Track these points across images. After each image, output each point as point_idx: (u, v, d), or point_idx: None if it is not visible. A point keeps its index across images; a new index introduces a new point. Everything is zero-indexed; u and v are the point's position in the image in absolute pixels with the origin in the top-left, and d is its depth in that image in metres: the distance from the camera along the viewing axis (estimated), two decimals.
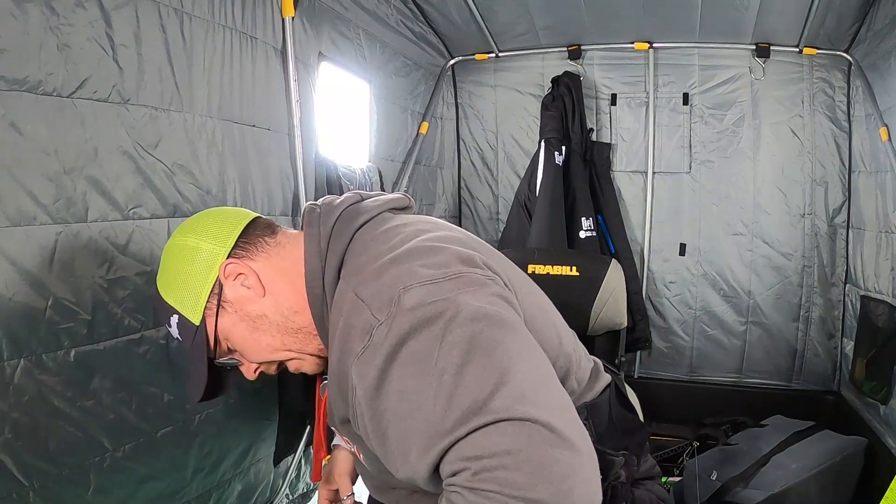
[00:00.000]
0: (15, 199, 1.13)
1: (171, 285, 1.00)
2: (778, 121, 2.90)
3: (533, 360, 0.80)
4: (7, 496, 1.15)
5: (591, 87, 3.09)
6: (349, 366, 0.82)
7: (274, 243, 1.01)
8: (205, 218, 1.04)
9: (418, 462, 0.76)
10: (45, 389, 1.20)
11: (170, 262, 1.01)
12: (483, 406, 0.71)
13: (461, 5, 2.63)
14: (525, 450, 0.69)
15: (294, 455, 2.07)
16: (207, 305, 0.98)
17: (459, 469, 0.72)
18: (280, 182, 1.89)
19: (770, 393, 3.01)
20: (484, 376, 0.73)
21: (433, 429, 0.73)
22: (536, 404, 0.72)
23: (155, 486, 1.50)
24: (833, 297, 2.91)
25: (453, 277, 0.83)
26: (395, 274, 0.84)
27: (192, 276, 0.98)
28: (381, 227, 0.95)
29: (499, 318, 0.80)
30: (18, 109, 1.12)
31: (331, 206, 0.99)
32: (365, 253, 0.90)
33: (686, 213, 3.07)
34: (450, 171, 3.31)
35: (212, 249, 0.98)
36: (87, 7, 1.23)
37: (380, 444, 0.82)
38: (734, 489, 2.13)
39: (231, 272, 0.97)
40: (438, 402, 0.73)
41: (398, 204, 1.04)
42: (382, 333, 0.79)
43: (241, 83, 1.70)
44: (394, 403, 0.78)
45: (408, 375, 0.77)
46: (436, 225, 0.98)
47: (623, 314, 2.33)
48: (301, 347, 1.00)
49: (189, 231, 1.01)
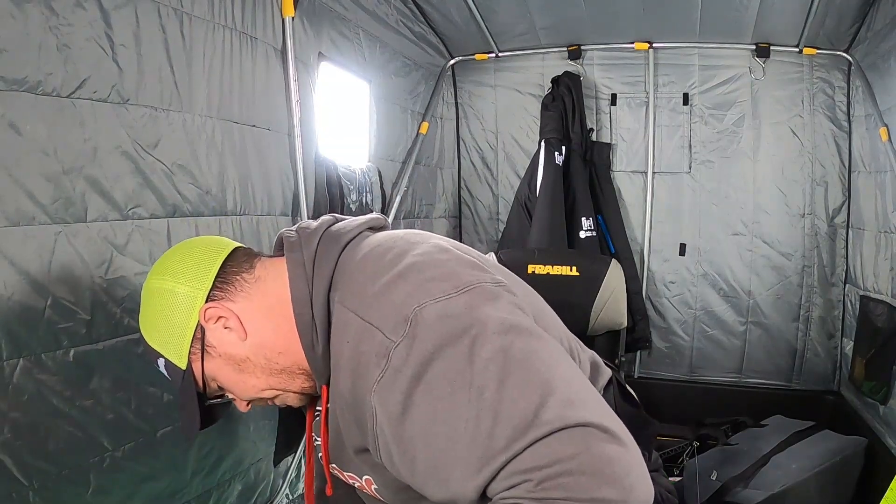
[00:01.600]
0: (14, 199, 1.13)
1: (154, 330, 0.97)
2: (778, 121, 2.90)
3: (564, 363, 0.80)
4: (7, 496, 1.15)
5: (591, 87, 3.09)
6: (366, 392, 0.79)
7: (253, 280, 0.95)
8: (179, 256, 0.98)
9: (463, 485, 0.73)
10: (44, 389, 1.21)
11: (149, 306, 0.97)
12: (535, 419, 0.70)
13: (461, 5, 2.63)
14: (585, 453, 0.69)
15: (294, 455, 2.07)
16: (192, 350, 0.94)
17: (518, 482, 0.70)
18: (280, 182, 1.89)
19: (770, 393, 3.01)
20: (528, 389, 0.72)
21: (481, 449, 0.71)
22: (584, 407, 0.72)
23: (154, 486, 1.50)
24: (833, 297, 2.91)
25: (466, 290, 0.81)
26: (403, 292, 0.80)
27: (173, 322, 0.94)
28: (365, 247, 0.91)
29: (523, 327, 0.79)
30: (18, 109, 1.12)
31: (308, 230, 0.95)
32: (359, 274, 0.86)
33: (686, 213, 3.07)
34: (450, 171, 3.31)
35: (188, 293, 0.93)
36: (87, 7, 1.24)
37: (408, 471, 0.79)
38: (734, 489, 2.13)
39: (211, 315, 0.93)
40: (483, 422, 0.72)
41: (376, 224, 1.00)
42: (402, 356, 0.76)
43: (240, 83, 1.70)
44: (423, 429, 0.75)
45: (438, 398, 0.74)
46: (423, 236, 0.95)
47: (623, 314, 2.32)
48: (285, 386, 0.98)
49: (165, 272, 0.96)
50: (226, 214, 1.66)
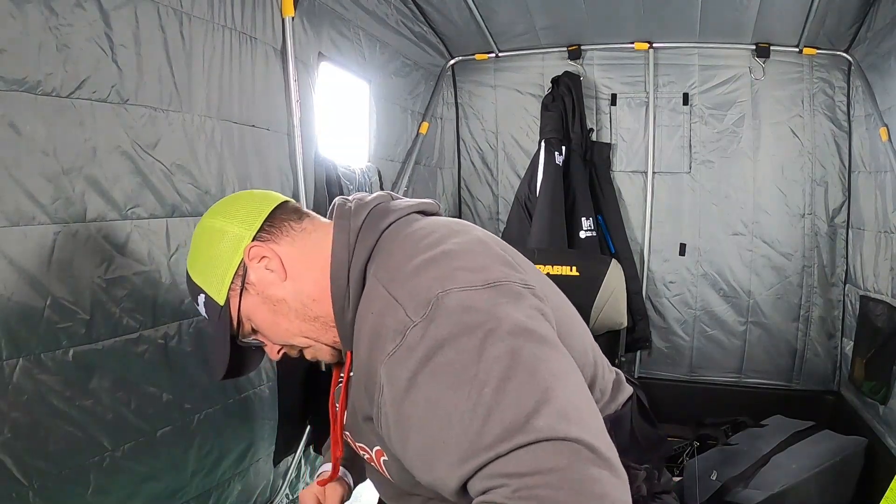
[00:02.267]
0: (14, 198, 1.13)
1: (199, 266, 1.01)
2: (778, 121, 2.90)
3: (572, 379, 0.79)
4: (7, 496, 1.15)
5: (591, 87, 3.09)
6: (378, 364, 0.82)
7: (300, 229, 1.01)
8: (234, 201, 1.05)
9: (447, 474, 0.75)
10: (44, 389, 1.21)
11: (198, 243, 1.03)
12: (526, 424, 0.70)
13: (461, 5, 2.63)
14: (567, 469, 0.69)
15: (294, 455, 2.07)
16: (231, 286, 0.98)
17: (496, 485, 0.71)
18: (279, 182, 1.88)
19: (770, 393, 3.01)
20: (526, 393, 0.72)
21: (468, 443, 0.72)
22: (579, 424, 0.72)
23: (154, 486, 1.50)
24: (833, 297, 2.91)
25: (492, 286, 0.82)
26: (432, 276, 0.82)
27: (218, 257, 0.99)
28: (411, 227, 0.94)
29: (538, 334, 0.79)
30: (17, 109, 1.12)
31: (362, 201, 1.00)
32: (398, 251, 0.90)
33: (686, 213, 3.07)
34: (450, 171, 3.31)
35: (238, 232, 0.99)
36: (87, 7, 1.24)
37: (400, 449, 0.81)
38: (734, 489, 2.13)
39: (255, 255, 0.97)
40: (476, 417, 0.72)
41: (428, 208, 1.03)
42: (417, 336, 0.78)
43: (240, 83, 1.70)
44: (421, 411, 0.77)
45: (440, 384, 0.76)
46: (466, 227, 0.97)
47: (623, 314, 2.32)
48: (318, 336, 1.00)
49: (217, 213, 1.03)
50: None
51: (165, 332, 1.49)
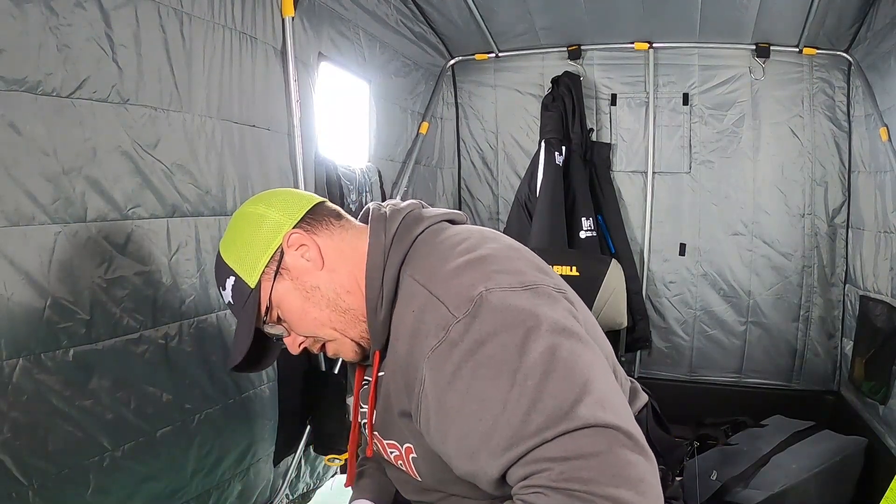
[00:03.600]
0: (14, 199, 1.13)
1: (234, 247, 1.02)
2: (778, 121, 2.89)
3: (605, 373, 0.85)
4: (7, 496, 1.15)
5: (591, 87, 3.09)
6: (420, 358, 0.85)
7: (339, 226, 1.04)
8: (276, 193, 1.07)
9: (490, 462, 0.79)
10: (44, 389, 1.21)
11: (236, 226, 1.04)
12: (569, 412, 0.75)
13: (461, 5, 2.63)
14: (608, 453, 0.74)
15: (294, 455, 2.07)
16: (265, 270, 0.99)
17: (540, 469, 0.75)
18: (280, 182, 1.88)
19: (770, 393, 3.01)
20: (568, 385, 0.77)
21: (512, 431, 0.77)
22: (615, 413, 0.77)
23: (154, 486, 1.50)
24: (833, 297, 2.91)
25: (530, 288, 0.86)
26: (473, 276, 0.86)
27: (256, 240, 1.00)
28: (443, 234, 0.98)
29: (574, 331, 0.84)
30: (17, 109, 1.12)
31: (396, 207, 1.03)
32: (432, 255, 0.93)
33: (686, 213, 3.07)
34: (450, 171, 3.31)
35: (279, 219, 1.00)
36: (87, 7, 1.24)
37: (440, 440, 0.85)
38: (734, 489, 2.13)
39: (294, 242, 0.99)
40: (520, 407, 0.77)
41: (457, 218, 1.07)
42: (460, 330, 0.82)
43: (240, 83, 1.70)
44: (464, 402, 0.81)
45: (483, 377, 0.80)
46: (497, 235, 1.02)
47: (623, 314, 2.33)
48: (345, 329, 1.02)
49: (259, 201, 1.05)
50: (225, 214, 1.67)
51: (166, 333, 1.49)
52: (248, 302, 1.00)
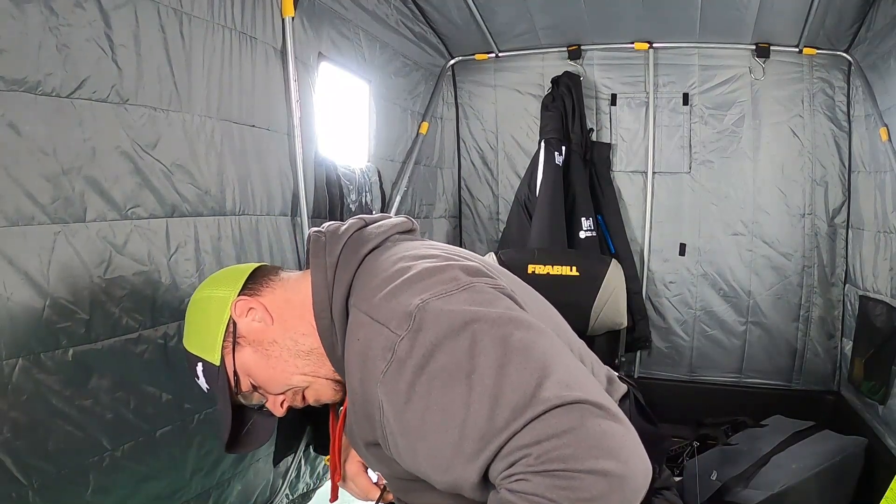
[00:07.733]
0: (13, 198, 1.13)
1: (193, 336, 1.08)
2: (778, 121, 2.89)
3: (563, 354, 0.84)
4: (7, 496, 1.15)
5: (591, 87, 3.09)
6: (374, 385, 0.84)
7: (279, 280, 1.08)
8: (216, 275, 1.15)
9: (467, 468, 0.78)
10: (43, 389, 1.21)
11: (190, 316, 1.11)
12: (533, 398, 0.74)
13: (461, 5, 2.63)
14: (580, 427, 0.73)
15: (294, 455, 2.07)
16: (224, 344, 1.04)
17: (518, 458, 0.74)
18: (279, 182, 1.89)
19: (770, 393, 3.01)
20: (526, 373, 0.77)
21: (481, 432, 0.76)
22: (581, 388, 0.77)
23: (154, 486, 1.50)
24: (833, 296, 2.91)
25: (465, 288, 0.86)
26: (408, 293, 0.86)
27: (209, 321, 1.05)
28: (382, 256, 0.98)
29: (523, 320, 0.83)
30: (17, 109, 1.12)
31: (336, 233, 1.02)
32: (372, 281, 0.93)
33: (686, 213, 3.07)
34: (450, 171, 3.30)
35: (223, 294, 1.06)
36: (87, 7, 1.24)
37: (411, 460, 0.84)
38: (734, 489, 2.13)
39: (241, 308, 1.03)
40: (483, 406, 0.76)
41: (403, 228, 1.07)
42: (406, 347, 0.81)
43: (240, 83, 1.70)
44: (425, 417, 0.79)
45: (438, 388, 0.79)
46: (440, 248, 1.02)
47: (623, 314, 2.33)
48: (314, 370, 1.03)
49: (205, 287, 1.12)
50: (225, 214, 1.67)
51: (165, 332, 1.49)
52: (218, 379, 1.04)
